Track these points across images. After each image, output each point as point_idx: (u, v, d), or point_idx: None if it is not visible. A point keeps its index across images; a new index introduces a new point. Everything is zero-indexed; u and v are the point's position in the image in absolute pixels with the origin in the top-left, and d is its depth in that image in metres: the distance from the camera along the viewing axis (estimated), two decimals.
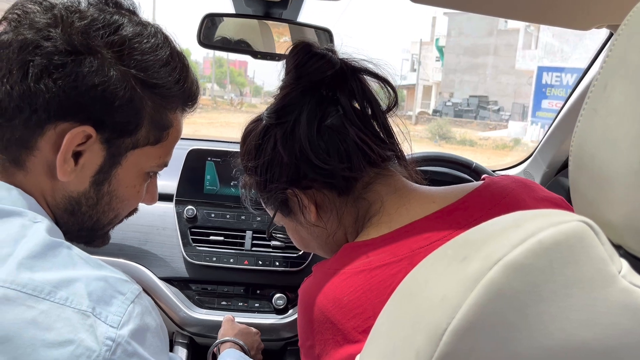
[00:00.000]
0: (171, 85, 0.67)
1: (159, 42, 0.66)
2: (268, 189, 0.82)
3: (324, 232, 0.83)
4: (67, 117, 0.61)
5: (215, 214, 1.44)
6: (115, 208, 0.71)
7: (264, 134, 0.80)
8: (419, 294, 0.48)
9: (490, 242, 0.43)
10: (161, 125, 0.69)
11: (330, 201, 0.81)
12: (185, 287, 1.41)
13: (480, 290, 0.41)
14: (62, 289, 0.53)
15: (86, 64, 0.60)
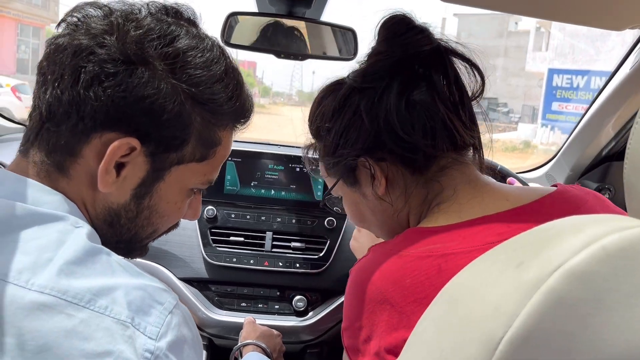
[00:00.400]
0: (223, 102, 0.65)
1: (214, 56, 0.64)
2: (338, 154, 0.79)
3: (388, 209, 0.80)
4: (113, 127, 0.59)
5: (235, 214, 1.43)
6: (154, 223, 0.69)
7: (346, 98, 0.78)
8: (468, 300, 0.46)
9: (548, 247, 0.42)
10: (209, 143, 0.66)
11: (402, 178, 0.78)
12: (204, 287, 1.40)
13: (539, 297, 0.39)
14: (102, 297, 0.51)
15: (137, 75, 0.58)
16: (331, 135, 0.79)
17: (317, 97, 0.84)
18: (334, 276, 1.43)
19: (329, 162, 0.82)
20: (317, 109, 0.84)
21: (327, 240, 1.44)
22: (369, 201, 0.82)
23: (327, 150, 0.81)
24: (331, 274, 1.43)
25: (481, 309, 0.44)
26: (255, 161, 1.46)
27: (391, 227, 0.83)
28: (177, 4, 0.67)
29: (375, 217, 0.83)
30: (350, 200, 0.85)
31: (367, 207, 0.83)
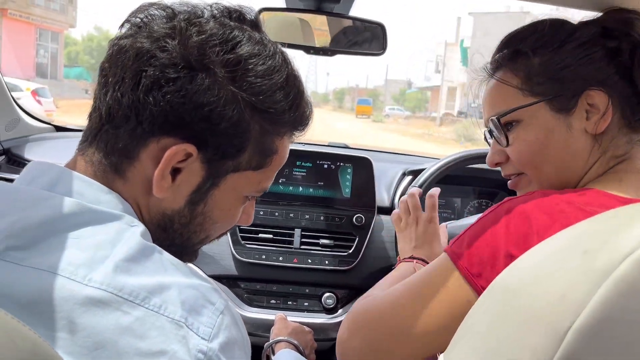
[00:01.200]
0: (283, 111, 0.64)
1: (276, 64, 0.63)
2: (564, 73, 0.77)
3: (585, 150, 0.78)
4: (170, 132, 0.59)
5: (264, 211, 1.43)
6: (207, 229, 0.68)
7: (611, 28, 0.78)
8: (528, 291, 0.45)
9: (615, 234, 0.40)
10: (266, 151, 0.65)
11: (614, 126, 0.77)
12: (234, 285, 1.40)
13: (609, 286, 0.38)
14: (156, 295, 0.51)
15: (197, 81, 0.58)
16: (564, 51, 0.77)
17: (551, 19, 0.81)
18: (363, 273, 1.42)
19: (540, 78, 0.79)
20: (552, 22, 0.80)
21: (356, 237, 1.43)
22: (570, 134, 0.77)
23: (548, 65, 0.78)
24: (360, 271, 1.42)
25: (545, 298, 0.42)
26: None
27: (566, 172, 0.79)
28: (241, 6, 0.66)
29: (562, 154, 0.78)
30: (544, 127, 0.79)
31: (562, 141, 0.78)
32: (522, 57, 0.80)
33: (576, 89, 0.76)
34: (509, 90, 0.81)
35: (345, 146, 2.03)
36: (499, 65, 0.84)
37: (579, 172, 0.78)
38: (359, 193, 1.46)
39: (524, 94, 0.80)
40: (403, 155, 1.99)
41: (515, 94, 0.80)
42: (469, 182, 1.70)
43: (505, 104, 0.81)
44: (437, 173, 1.34)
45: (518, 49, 0.81)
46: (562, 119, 0.78)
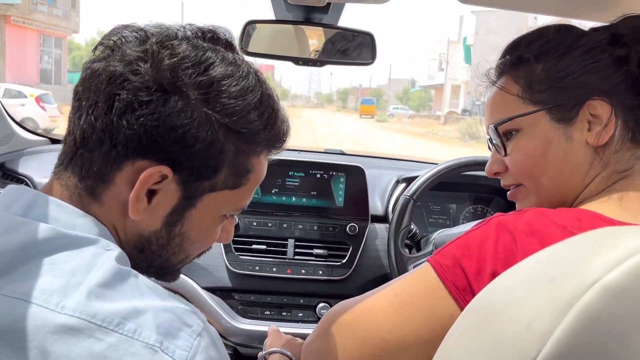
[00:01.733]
0: (257, 131, 0.64)
1: (250, 84, 0.63)
2: (566, 82, 0.75)
3: (585, 163, 0.75)
4: (145, 155, 0.59)
5: (257, 222, 1.43)
6: (185, 249, 0.68)
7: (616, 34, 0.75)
8: (499, 316, 0.45)
9: (582, 262, 0.40)
10: (242, 171, 0.65)
11: (618, 139, 0.74)
12: (228, 296, 1.40)
13: (574, 315, 0.38)
14: (131, 320, 0.51)
15: (170, 104, 0.58)
16: (568, 59, 0.75)
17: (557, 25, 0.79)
18: (357, 282, 1.42)
19: (542, 86, 0.76)
20: (558, 28, 0.78)
21: (350, 247, 1.43)
22: (570, 146, 0.75)
23: (550, 72, 0.76)
24: (354, 281, 1.42)
25: (514, 325, 0.42)
26: (275, 168, 1.45)
27: (564, 186, 0.77)
28: (215, 27, 0.66)
29: (561, 166, 0.76)
30: (543, 137, 0.76)
31: (561, 152, 0.75)
32: (524, 64, 0.78)
33: (578, 98, 0.73)
34: (510, 98, 0.79)
35: (341, 152, 2.03)
36: (501, 72, 0.81)
37: (578, 186, 0.76)
38: (352, 202, 1.46)
39: (524, 102, 0.77)
40: (398, 161, 1.99)
41: (516, 102, 0.78)
42: (464, 188, 1.70)
43: (504, 112, 0.79)
44: (429, 181, 1.33)
45: (521, 55, 0.78)
46: (562, 129, 0.75)
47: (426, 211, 1.71)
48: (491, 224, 0.69)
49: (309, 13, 1.22)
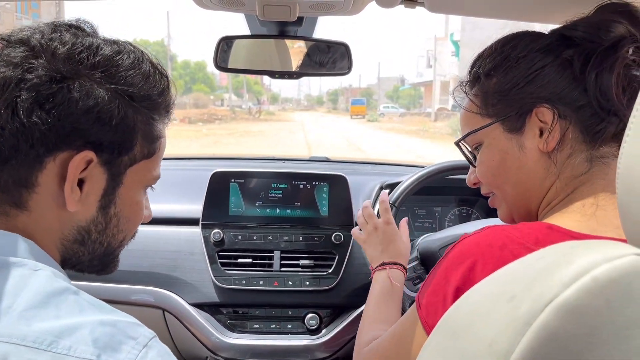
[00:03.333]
0: (157, 97, 0.68)
1: (138, 56, 0.67)
2: (514, 93, 0.76)
3: (540, 170, 0.76)
4: (64, 146, 0.60)
5: (242, 235, 1.42)
6: (123, 229, 0.71)
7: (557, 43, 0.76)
8: (464, 334, 0.45)
9: (539, 279, 0.41)
10: (153, 138, 0.69)
11: (572, 142, 0.75)
12: (216, 311, 1.40)
13: (532, 334, 0.38)
14: (65, 337, 0.50)
15: (76, 89, 0.59)
16: (514, 70, 0.76)
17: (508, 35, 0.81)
18: (345, 291, 1.42)
19: (494, 100, 0.79)
20: (506, 40, 0.80)
21: (336, 256, 1.43)
22: (523, 154, 0.77)
23: (499, 86, 0.78)
24: (342, 290, 1.42)
25: (476, 346, 0.43)
26: (258, 181, 1.46)
27: (526, 194, 0.78)
28: (76, 20, 0.68)
29: (519, 175, 0.78)
30: (499, 148, 0.79)
31: (517, 161, 0.78)
32: (479, 81, 0.81)
33: (524, 107, 0.76)
34: (471, 114, 0.83)
35: (326, 159, 2.04)
36: (464, 91, 0.85)
37: (538, 192, 0.77)
38: (337, 211, 1.46)
39: (482, 117, 0.81)
40: (383, 166, 1.99)
41: (475, 118, 0.82)
42: (448, 191, 1.70)
43: (467, 127, 0.83)
44: (410, 187, 1.34)
45: (476, 72, 0.82)
46: (515, 139, 0.77)
47: (411, 215, 1.71)
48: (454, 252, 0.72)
49: (283, 26, 1.22)
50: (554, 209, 0.76)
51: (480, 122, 0.81)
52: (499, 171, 0.80)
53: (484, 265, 0.66)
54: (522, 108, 0.76)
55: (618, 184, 0.44)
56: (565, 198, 0.75)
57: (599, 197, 0.72)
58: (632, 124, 0.42)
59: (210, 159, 2.08)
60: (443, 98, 40.87)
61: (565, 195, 0.75)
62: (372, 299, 1.07)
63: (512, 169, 0.78)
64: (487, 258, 0.66)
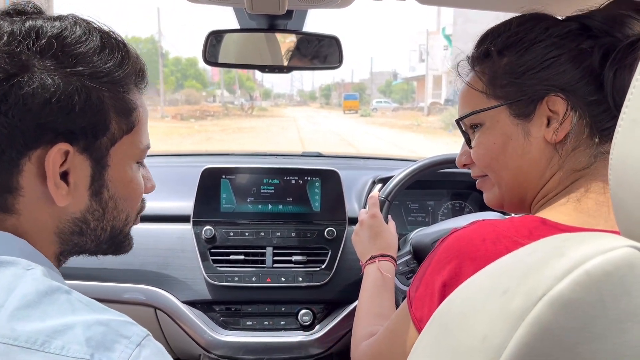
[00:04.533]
0: (117, 68, 0.63)
1: (85, 29, 0.62)
2: (527, 77, 0.73)
3: (543, 159, 0.74)
4: (35, 144, 0.58)
5: (234, 232, 1.41)
6: (123, 209, 0.69)
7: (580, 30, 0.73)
8: (457, 329, 0.45)
9: (532, 273, 0.40)
10: (127, 111, 0.65)
11: (578, 135, 0.73)
12: (208, 309, 1.39)
13: (526, 328, 0.38)
14: (58, 337, 0.49)
15: (27, 83, 0.56)
16: (530, 53, 0.73)
17: (525, 15, 0.78)
18: (338, 287, 1.41)
19: (503, 81, 0.76)
20: (524, 20, 0.77)
21: (329, 251, 1.43)
22: (528, 142, 0.75)
23: (511, 67, 0.75)
24: (335, 285, 1.41)
25: (470, 341, 0.42)
26: (249, 177, 1.45)
27: (524, 183, 0.77)
28: (16, 4, 0.64)
29: (520, 162, 0.76)
30: (502, 132, 0.76)
31: (519, 148, 0.75)
32: (489, 58, 0.78)
33: (536, 94, 0.73)
34: (475, 92, 0.79)
35: (318, 154, 2.03)
36: (470, 65, 0.82)
37: (537, 182, 0.76)
38: (329, 206, 1.46)
39: (487, 97, 0.78)
40: (376, 160, 1.99)
41: (480, 97, 0.78)
42: (441, 185, 1.70)
43: (469, 106, 0.80)
44: (403, 181, 1.33)
45: (487, 49, 0.78)
46: (521, 125, 0.75)
47: (404, 210, 1.71)
48: (443, 247, 0.71)
49: (272, 20, 1.21)
50: (550, 200, 0.75)
51: (484, 102, 0.78)
52: (498, 156, 0.77)
53: (472, 261, 0.66)
54: (534, 94, 0.73)
55: (610, 176, 0.43)
56: (562, 190, 0.74)
57: (599, 192, 0.71)
58: (625, 115, 0.42)
59: (201, 155, 2.07)
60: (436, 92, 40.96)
61: (563, 188, 0.74)
62: (364, 292, 1.06)
63: (514, 156, 0.76)
64: (476, 254, 0.66)
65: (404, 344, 0.74)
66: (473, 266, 0.65)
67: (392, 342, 0.78)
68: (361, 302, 1.06)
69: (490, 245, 0.65)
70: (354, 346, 0.95)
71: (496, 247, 0.65)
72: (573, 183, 0.73)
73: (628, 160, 0.41)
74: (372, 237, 1.14)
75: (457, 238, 0.69)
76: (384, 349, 0.81)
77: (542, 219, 0.68)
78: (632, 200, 0.41)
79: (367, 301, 1.04)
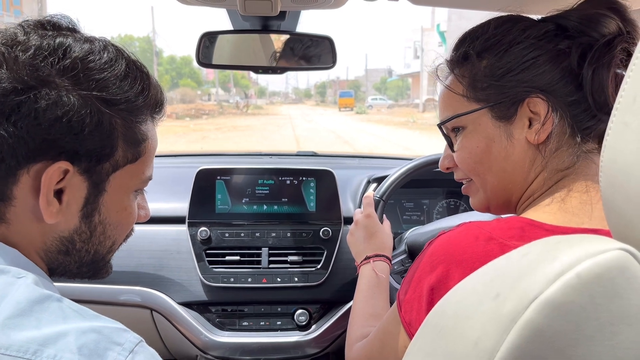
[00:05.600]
0: (136, 98, 0.64)
1: (112, 55, 0.63)
2: (507, 79, 0.74)
3: (526, 161, 0.75)
4: (37, 157, 0.58)
5: (229, 233, 1.41)
6: (111, 235, 0.68)
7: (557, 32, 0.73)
8: (450, 333, 0.45)
9: (523, 276, 0.40)
10: (136, 141, 0.66)
11: (561, 135, 0.73)
12: (205, 310, 1.39)
13: (517, 332, 0.38)
14: (50, 346, 0.49)
15: (43, 98, 0.56)
16: (509, 55, 0.73)
17: (502, 17, 0.78)
18: (334, 286, 1.41)
19: (483, 84, 0.75)
20: (501, 22, 0.77)
21: (324, 251, 1.43)
22: (511, 144, 0.75)
23: (490, 70, 0.75)
24: (331, 285, 1.41)
25: (462, 345, 0.42)
26: (244, 177, 1.45)
27: (508, 185, 0.77)
28: (52, 16, 0.65)
29: (504, 164, 0.76)
30: (484, 135, 0.76)
31: (503, 150, 0.75)
32: (468, 61, 0.77)
33: (516, 96, 0.73)
34: (455, 96, 0.79)
35: (313, 154, 2.03)
36: (450, 69, 0.81)
37: (521, 184, 0.76)
38: (324, 206, 1.46)
39: (468, 100, 0.77)
40: (371, 159, 1.99)
41: (460, 100, 0.78)
42: (436, 183, 1.70)
43: (450, 109, 0.80)
44: (397, 181, 1.33)
45: (466, 52, 0.78)
46: (503, 127, 0.75)
47: (400, 209, 1.71)
48: (430, 250, 0.71)
49: (265, 21, 1.21)
50: (535, 201, 0.75)
51: (465, 106, 0.78)
52: (482, 159, 0.77)
53: (459, 264, 0.66)
54: (515, 96, 0.73)
55: (601, 177, 0.43)
56: (547, 191, 0.74)
57: (582, 191, 0.71)
58: (615, 117, 0.42)
59: (196, 155, 2.07)
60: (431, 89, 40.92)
61: (547, 188, 0.74)
62: (359, 293, 1.07)
63: (498, 158, 0.76)
64: (463, 256, 0.66)
65: (395, 347, 0.75)
66: (460, 269, 0.65)
67: (384, 345, 0.79)
68: (355, 303, 1.06)
69: (478, 248, 0.66)
70: (348, 347, 0.96)
71: (484, 250, 0.65)
72: (557, 183, 0.74)
73: (619, 162, 0.41)
74: (367, 237, 1.15)
75: (445, 241, 0.70)
76: (376, 351, 0.81)
77: (529, 220, 0.69)
78: (623, 202, 0.41)
79: (361, 302, 1.05)
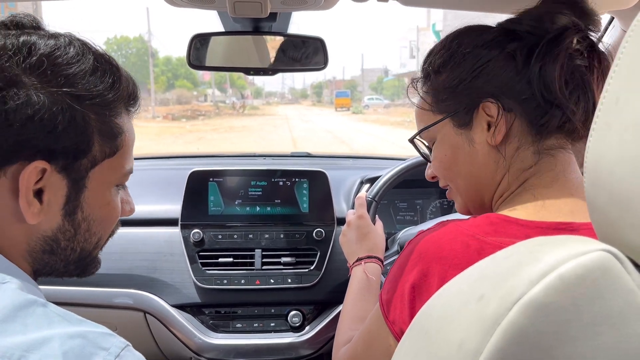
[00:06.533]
0: (107, 91, 0.63)
1: (79, 50, 0.62)
2: (461, 88, 0.77)
3: (490, 163, 0.77)
4: (12, 159, 0.57)
5: (222, 235, 1.41)
6: (96, 232, 0.68)
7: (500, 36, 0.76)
8: (435, 334, 0.45)
9: (507, 278, 0.40)
10: (112, 135, 0.65)
11: (520, 135, 0.76)
12: (198, 312, 1.39)
13: (501, 333, 0.38)
14: (34, 351, 0.48)
15: (11, 98, 0.55)
16: (461, 66, 0.77)
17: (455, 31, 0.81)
18: (327, 287, 1.41)
19: (443, 96, 0.79)
20: (454, 36, 0.80)
21: (318, 252, 1.43)
22: (473, 149, 0.78)
23: (447, 82, 0.78)
24: (325, 286, 1.41)
25: (447, 347, 0.42)
26: (237, 179, 1.44)
27: (478, 187, 0.80)
28: (14, 15, 0.64)
29: (470, 169, 0.79)
30: (450, 144, 0.80)
31: (467, 155, 0.79)
32: (430, 78, 0.82)
33: (470, 102, 0.77)
34: (424, 111, 0.83)
35: (307, 155, 2.03)
36: (416, 88, 0.86)
37: (490, 185, 0.79)
38: (317, 207, 1.46)
39: (434, 114, 0.82)
40: (364, 160, 1.99)
41: (428, 115, 0.83)
42: (429, 183, 1.69)
43: (422, 124, 0.85)
44: (390, 182, 1.33)
45: (426, 69, 0.82)
46: (464, 134, 0.79)
47: (393, 209, 1.71)
48: (409, 249, 0.74)
49: (256, 22, 1.21)
50: (507, 200, 0.77)
51: (432, 119, 0.82)
52: (450, 166, 0.81)
53: (438, 261, 0.68)
54: (469, 103, 0.77)
55: (585, 177, 0.44)
56: (516, 189, 0.76)
57: (548, 188, 0.74)
58: (598, 118, 0.42)
59: (189, 157, 2.06)
60: None
61: (516, 187, 0.77)
62: (349, 296, 1.07)
63: (464, 164, 0.80)
64: (442, 254, 0.68)
65: (379, 347, 0.76)
66: (439, 266, 0.67)
67: (368, 345, 0.79)
68: (345, 305, 1.07)
69: (456, 245, 0.68)
70: (335, 350, 0.96)
71: (462, 246, 0.67)
72: (525, 182, 0.76)
73: (602, 163, 0.41)
74: (359, 238, 1.15)
75: (424, 240, 0.72)
76: (360, 352, 0.82)
77: (503, 216, 0.71)
78: (606, 203, 0.41)
79: (350, 304, 1.05)
